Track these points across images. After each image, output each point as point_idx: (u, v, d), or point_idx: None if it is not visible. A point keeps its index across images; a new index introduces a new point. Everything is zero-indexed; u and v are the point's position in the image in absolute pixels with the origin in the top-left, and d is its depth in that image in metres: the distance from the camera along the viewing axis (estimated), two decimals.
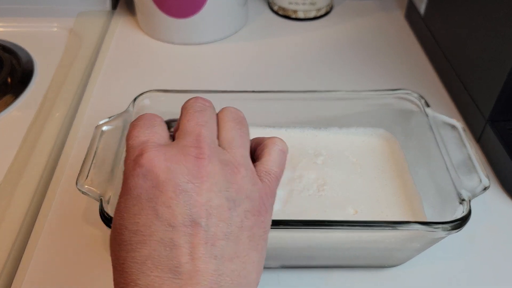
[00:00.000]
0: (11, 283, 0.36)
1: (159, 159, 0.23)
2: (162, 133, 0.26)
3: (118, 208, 0.24)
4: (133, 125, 0.26)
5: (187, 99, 0.42)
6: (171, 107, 0.43)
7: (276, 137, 0.29)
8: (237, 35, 0.64)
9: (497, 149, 0.43)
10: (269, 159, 0.28)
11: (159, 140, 0.25)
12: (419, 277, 0.36)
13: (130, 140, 0.26)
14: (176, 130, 0.27)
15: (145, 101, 0.42)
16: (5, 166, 0.44)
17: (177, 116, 0.44)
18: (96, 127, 0.38)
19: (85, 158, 0.35)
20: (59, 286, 0.36)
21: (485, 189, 0.34)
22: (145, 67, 0.58)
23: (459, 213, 0.33)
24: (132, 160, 0.24)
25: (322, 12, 0.67)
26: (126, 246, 0.23)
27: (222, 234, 0.23)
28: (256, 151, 0.29)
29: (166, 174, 0.23)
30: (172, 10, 0.59)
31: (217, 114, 0.29)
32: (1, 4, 0.63)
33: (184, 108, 0.28)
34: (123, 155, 0.37)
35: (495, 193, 0.42)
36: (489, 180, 0.34)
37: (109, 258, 0.38)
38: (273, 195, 0.27)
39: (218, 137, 0.27)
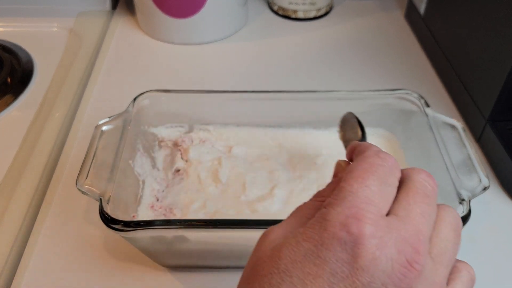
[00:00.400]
0: (11, 283, 0.36)
1: (371, 240, 0.19)
2: (390, 198, 0.22)
3: (294, 250, 0.20)
4: (371, 166, 0.22)
5: (189, 98, 0.42)
6: (171, 107, 0.43)
7: (468, 265, 0.24)
8: (237, 35, 0.64)
9: (497, 149, 0.43)
10: None
11: (383, 207, 0.21)
12: None
13: (356, 182, 0.21)
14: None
15: (145, 101, 0.42)
16: (5, 166, 0.44)
17: (177, 118, 0.44)
18: (96, 127, 0.38)
19: (85, 158, 0.35)
20: (59, 286, 0.36)
21: (485, 189, 0.34)
22: (145, 67, 0.58)
23: (459, 213, 0.33)
24: (345, 215, 0.20)
25: (322, 12, 0.67)
26: (272, 287, 0.20)
27: None
28: None
29: (369, 262, 0.19)
30: (172, 10, 0.59)
31: (439, 209, 0.24)
32: (1, 4, 0.63)
33: (410, 180, 0.23)
34: (123, 155, 0.37)
35: (495, 193, 0.42)
36: (489, 180, 0.34)
37: (109, 258, 0.38)
38: None
39: (430, 237, 0.22)
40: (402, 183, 0.23)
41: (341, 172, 0.26)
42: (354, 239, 0.19)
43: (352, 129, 0.36)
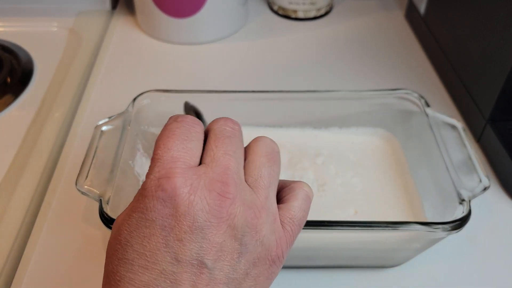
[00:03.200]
0: (11, 283, 0.36)
1: (183, 189, 0.22)
2: (196, 151, 0.24)
3: (128, 222, 0.23)
4: (169, 131, 0.25)
5: (189, 98, 0.42)
6: (171, 107, 0.43)
7: (303, 182, 0.28)
8: (237, 35, 0.64)
9: (497, 149, 0.43)
10: (295, 204, 0.26)
11: (190, 160, 0.24)
12: (419, 277, 0.36)
13: (160, 149, 0.24)
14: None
15: (144, 101, 0.42)
16: (5, 166, 0.44)
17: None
18: (95, 127, 0.38)
19: (84, 159, 0.35)
20: (58, 286, 0.36)
21: (485, 189, 0.34)
22: (145, 67, 0.58)
23: (459, 213, 0.33)
24: (156, 178, 0.23)
25: (322, 12, 0.67)
26: (126, 265, 0.22)
27: (225, 278, 0.23)
28: (280, 193, 0.28)
29: (187, 207, 0.22)
30: (172, 10, 0.59)
31: (250, 143, 0.27)
32: (1, 4, 0.63)
33: (211, 130, 0.26)
34: (123, 155, 0.37)
35: (495, 193, 0.42)
36: (489, 180, 0.34)
37: None
38: (291, 244, 0.26)
39: (245, 169, 0.25)
40: (207, 133, 0.26)
41: None
42: (169, 194, 0.22)
43: (188, 113, 0.41)
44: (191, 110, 0.41)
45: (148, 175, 0.23)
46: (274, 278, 0.25)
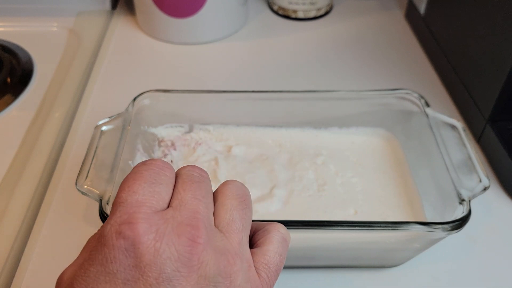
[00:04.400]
0: (11, 283, 0.36)
1: (148, 236, 0.20)
2: (165, 195, 0.22)
3: (84, 278, 0.20)
4: (136, 173, 0.23)
5: (189, 98, 0.42)
6: (170, 107, 0.43)
7: (279, 223, 0.26)
8: (237, 35, 0.64)
9: (497, 149, 0.43)
10: (271, 248, 0.24)
11: (157, 204, 0.22)
12: (419, 277, 0.36)
13: (123, 192, 0.22)
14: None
15: (144, 101, 0.42)
16: (5, 166, 0.44)
17: (176, 118, 0.44)
18: (95, 127, 0.38)
19: (84, 158, 0.35)
20: None
21: (485, 189, 0.34)
22: (144, 67, 0.58)
23: (459, 213, 0.33)
24: (117, 224, 0.20)
25: (322, 12, 0.67)
26: None
27: None
28: (254, 236, 0.26)
29: (152, 256, 0.20)
30: (172, 9, 0.59)
31: (218, 187, 0.25)
32: (1, 3, 0.63)
33: (179, 175, 0.24)
34: (123, 155, 0.37)
35: (495, 193, 0.42)
36: (489, 180, 0.34)
37: None
38: None
39: (215, 214, 0.24)
40: (176, 178, 0.24)
41: None
42: (131, 242, 0.20)
43: None
44: None
45: (108, 220, 0.21)
46: None
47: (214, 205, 0.24)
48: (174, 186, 0.23)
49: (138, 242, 0.20)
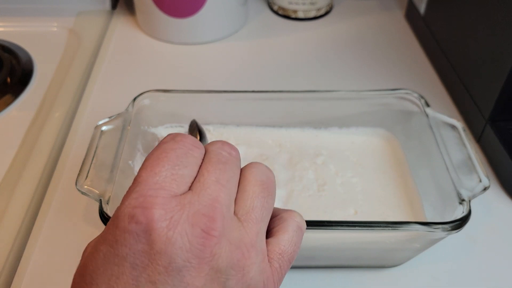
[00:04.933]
0: (11, 283, 0.36)
1: (161, 223, 0.19)
2: (188, 178, 0.21)
3: (94, 256, 0.20)
4: (162, 152, 0.21)
5: (189, 98, 0.42)
6: (170, 107, 0.43)
7: (295, 211, 0.25)
8: (237, 35, 0.64)
9: (497, 149, 0.43)
10: (286, 238, 0.24)
11: (177, 189, 0.21)
12: (419, 277, 0.36)
13: (145, 171, 0.21)
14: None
15: (144, 101, 0.42)
16: (5, 166, 0.44)
17: (176, 118, 0.44)
18: (95, 127, 0.38)
19: (84, 158, 0.35)
20: (59, 286, 0.36)
21: (485, 189, 0.34)
22: (145, 67, 0.58)
23: (459, 213, 0.33)
24: (132, 206, 0.20)
25: (322, 12, 0.67)
26: None
27: None
28: (270, 222, 0.24)
29: (164, 245, 0.19)
30: (172, 9, 0.59)
31: (242, 168, 0.24)
32: (1, 3, 0.63)
33: (207, 152, 0.23)
34: (123, 155, 0.37)
35: (495, 193, 0.42)
36: (489, 180, 0.34)
37: None
38: (280, 282, 0.23)
39: (235, 200, 0.22)
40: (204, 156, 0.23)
41: None
42: (143, 228, 0.19)
43: (192, 133, 0.40)
44: (196, 131, 0.40)
45: (123, 200, 0.21)
46: None
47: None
48: (202, 163, 0.22)
49: (150, 228, 0.19)
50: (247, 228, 0.22)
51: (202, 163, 0.22)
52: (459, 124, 0.39)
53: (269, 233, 0.24)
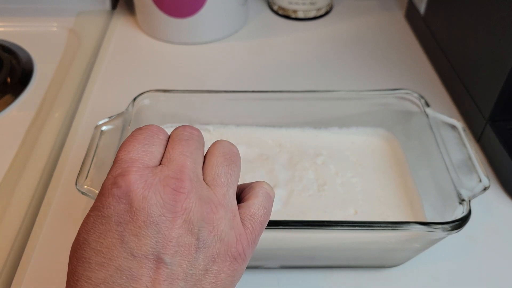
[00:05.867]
0: (11, 283, 0.36)
1: (137, 185, 0.23)
2: (157, 154, 0.25)
3: (86, 222, 0.23)
4: (132, 137, 0.26)
5: (189, 98, 0.42)
6: (170, 107, 0.43)
7: (263, 181, 0.28)
8: (237, 35, 0.64)
9: (497, 149, 0.43)
10: (255, 202, 0.26)
11: (149, 161, 0.25)
12: (419, 277, 0.36)
13: (120, 152, 0.25)
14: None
15: (144, 101, 0.42)
16: (5, 166, 0.44)
17: (176, 118, 0.44)
18: (95, 127, 0.38)
19: (84, 158, 0.35)
20: (59, 286, 0.36)
21: (485, 189, 0.34)
22: (145, 67, 0.58)
23: (459, 213, 0.33)
24: (113, 176, 0.24)
25: (322, 12, 0.67)
26: (84, 264, 0.22)
27: (183, 274, 0.23)
28: (241, 194, 0.28)
29: (141, 202, 0.22)
30: (172, 9, 0.59)
31: (209, 148, 0.28)
32: (1, 3, 0.63)
33: (171, 136, 0.27)
34: None
35: (495, 193, 0.42)
36: (489, 180, 0.34)
37: None
38: (254, 242, 0.26)
39: (203, 171, 0.26)
40: (169, 140, 0.27)
41: None
42: (123, 190, 0.23)
43: None
44: None
45: (107, 174, 0.24)
46: (239, 278, 0.25)
47: (203, 162, 0.27)
48: (166, 146, 0.26)
49: (129, 190, 0.23)
50: (214, 190, 0.25)
51: (167, 144, 0.26)
52: (459, 124, 0.39)
53: (241, 201, 0.27)
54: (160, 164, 0.25)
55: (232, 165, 0.27)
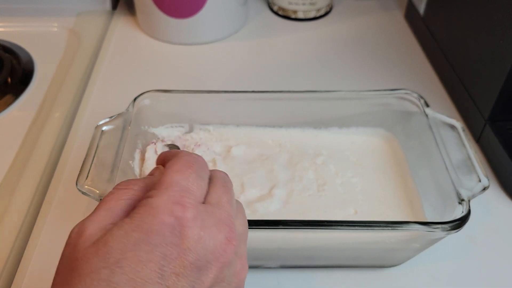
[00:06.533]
0: (11, 283, 0.36)
1: (195, 222, 0.22)
2: (204, 190, 0.25)
3: (123, 240, 0.21)
4: (188, 162, 0.24)
5: (189, 98, 0.42)
6: (171, 107, 0.43)
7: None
8: (237, 35, 0.64)
9: (496, 149, 0.43)
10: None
11: (200, 197, 0.24)
12: (419, 277, 0.36)
13: (177, 175, 0.23)
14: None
15: (145, 101, 0.42)
16: (5, 166, 0.44)
17: (176, 118, 0.44)
18: (96, 127, 0.38)
19: (85, 158, 0.35)
20: None
21: (484, 189, 0.34)
22: (145, 67, 0.58)
23: (459, 213, 0.33)
24: (171, 202, 0.22)
25: (322, 12, 0.67)
26: (103, 282, 0.20)
27: None
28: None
29: (195, 242, 0.21)
30: (172, 10, 0.59)
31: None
32: (1, 3, 0.63)
33: (214, 177, 0.26)
34: (124, 155, 0.37)
35: (495, 193, 0.43)
36: (488, 180, 0.34)
37: None
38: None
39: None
40: (210, 179, 0.26)
41: (156, 171, 0.28)
42: (180, 222, 0.21)
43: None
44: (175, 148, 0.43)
45: (158, 194, 0.22)
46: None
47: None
48: (211, 185, 0.26)
49: (186, 225, 0.21)
50: (243, 244, 0.26)
51: (211, 183, 0.26)
52: (458, 124, 0.39)
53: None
54: (204, 201, 0.24)
55: (239, 213, 0.26)
